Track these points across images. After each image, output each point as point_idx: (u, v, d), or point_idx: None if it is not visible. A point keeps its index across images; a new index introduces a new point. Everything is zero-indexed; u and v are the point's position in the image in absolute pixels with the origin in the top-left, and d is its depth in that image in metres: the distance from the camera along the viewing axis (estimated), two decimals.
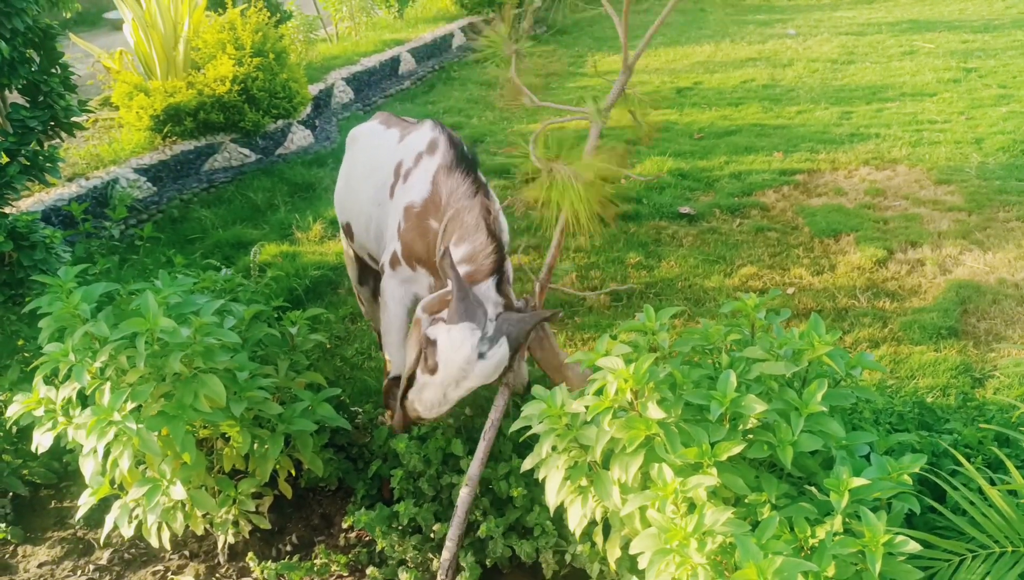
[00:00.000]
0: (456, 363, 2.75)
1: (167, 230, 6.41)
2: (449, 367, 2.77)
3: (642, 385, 2.26)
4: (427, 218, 3.18)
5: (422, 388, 2.86)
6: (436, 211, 3.15)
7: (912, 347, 4.64)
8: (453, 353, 2.75)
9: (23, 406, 2.79)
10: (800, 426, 2.19)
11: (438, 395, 2.83)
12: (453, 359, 2.75)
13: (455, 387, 2.81)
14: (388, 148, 3.53)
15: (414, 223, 3.22)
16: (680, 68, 10.98)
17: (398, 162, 3.40)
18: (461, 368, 2.75)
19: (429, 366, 2.82)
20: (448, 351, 2.76)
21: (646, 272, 5.66)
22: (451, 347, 2.76)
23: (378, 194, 3.46)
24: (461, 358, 2.74)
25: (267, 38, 7.58)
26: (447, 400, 2.84)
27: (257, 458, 2.99)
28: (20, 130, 3.17)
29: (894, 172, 7.14)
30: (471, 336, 2.74)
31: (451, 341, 2.76)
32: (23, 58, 3.20)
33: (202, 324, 2.70)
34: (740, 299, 2.69)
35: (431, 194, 3.19)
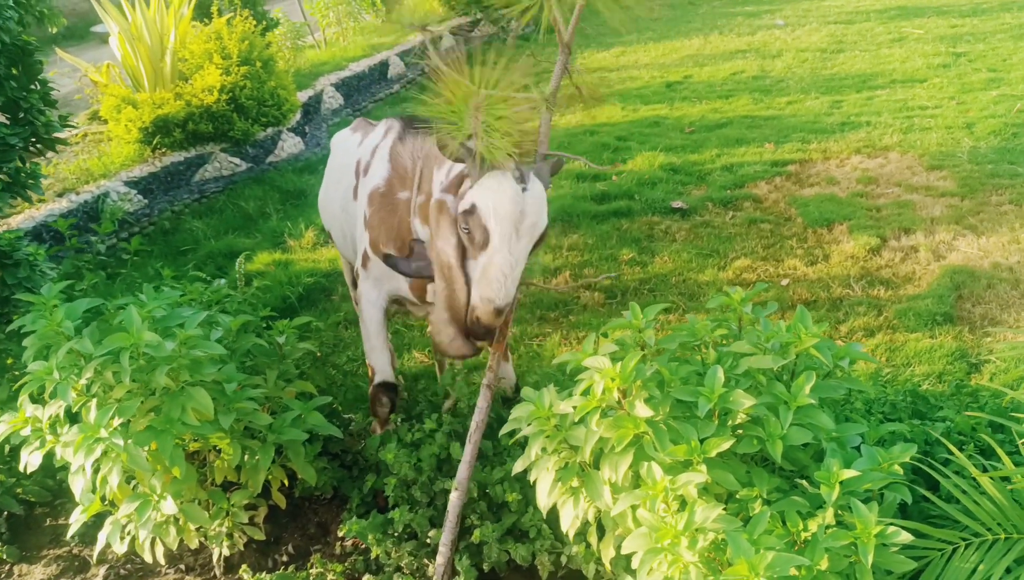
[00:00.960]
0: (506, 202, 2.51)
1: (159, 242, 6.39)
2: (501, 212, 2.52)
3: (629, 383, 2.25)
4: (394, 194, 3.09)
5: (484, 270, 2.57)
6: (403, 181, 3.06)
7: (907, 335, 4.62)
8: (498, 196, 2.53)
9: (10, 425, 2.78)
10: (789, 419, 2.17)
11: (505, 258, 2.54)
12: (501, 202, 2.52)
13: (516, 237, 2.55)
14: (351, 151, 3.52)
15: (380, 204, 3.13)
16: (669, 62, 10.96)
17: (357, 162, 3.38)
18: (513, 201, 2.52)
19: (479, 241, 2.58)
20: (492, 199, 2.53)
21: (639, 268, 5.64)
22: (493, 192, 2.54)
23: (344, 200, 3.45)
24: (509, 193, 2.52)
25: (254, 46, 7.56)
26: (516, 260, 2.56)
27: (249, 469, 2.97)
28: (1, 148, 3.15)
29: (886, 159, 7.12)
30: (504, 177, 2.55)
31: (489, 189, 2.54)
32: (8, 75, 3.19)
33: (187, 337, 2.68)
34: (727, 293, 2.68)
35: (392, 169, 3.10)
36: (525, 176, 2.58)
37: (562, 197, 6.75)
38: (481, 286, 2.57)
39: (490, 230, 2.54)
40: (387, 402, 3.40)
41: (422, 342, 4.80)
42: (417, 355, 4.69)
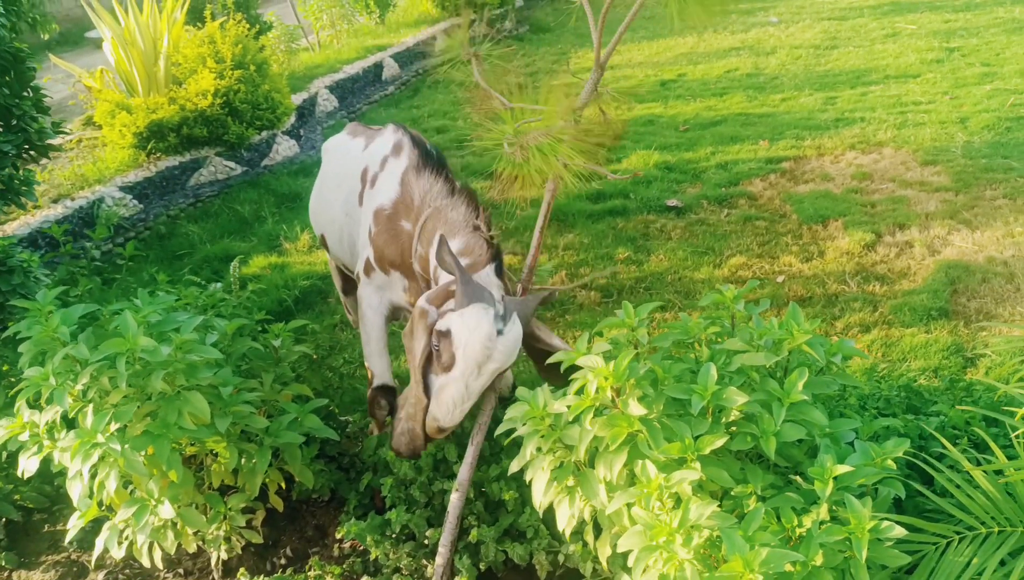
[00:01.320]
0: (477, 343, 2.60)
1: (155, 247, 6.40)
2: (470, 350, 2.61)
3: (623, 382, 2.26)
4: (398, 220, 3.15)
5: (440, 390, 2.69)
6: (408, 212, 3.12)
7: (903, 330, 4.64)
8: (472, 333, 2.61)
9: (8, 431, 2.78)
10: (783, 416, 2.18)
11: (459, 391, 2.66)
12: (473, 340, 2.60)
13: (476, 375, 2.65)
14: (354, 156, 3.52)
15: (385, 226, 3.19)
16: (663, 61, 10.97)
17: (364, 168, 3.39)
18: (484, 347, 2.60)
19: (444, 363, 2.68)
20: (466, 334, 2.61)
21: (636, 267, 5.65)
22: (468, 329, 2.61)
23: (347, 204, 3.46)
24: (482, 336, 2.60)
25: (248, 50, 7.56)
26: (469, 394, 2.67)
27: (245, 473, 2.98)
28: None
29: (880, 155, 7.14)
30: (486, 314, 2.62)
31: (467, 323, 2.62)
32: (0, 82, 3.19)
33: (183, 341, 2.69)
34: (720, 291, 2.68)
35: (401, 195, 3.15)
36: (508, 315, 2.67)
37: (557, 196, 6.74)
38: (433, 404, 2.71)
39: (456, 360, 2.65)
40: (385, 405, 3.41)
41: None
42: None
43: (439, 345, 2.70)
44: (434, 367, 2.75)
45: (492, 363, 2.65)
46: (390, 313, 3.44)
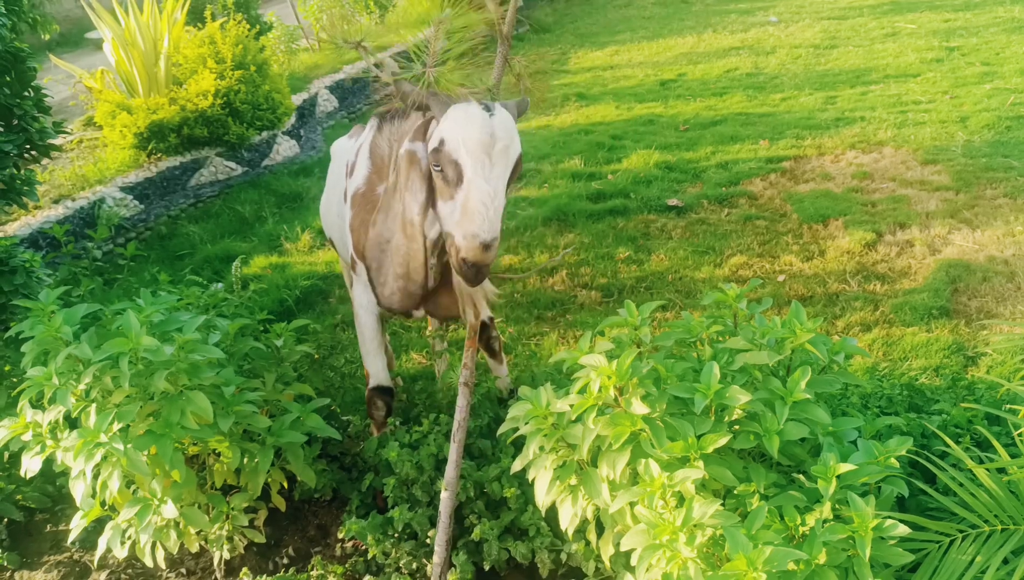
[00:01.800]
0: (475, 128, 2.41)
1: (156, 247, 6.40)
2: (471, 139, 2.41)
3: (625, 381, 2.26)
4: (374, 191, 3.01)
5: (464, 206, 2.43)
6: (380, 175, 2.97)
7: (904, 329, 4.64)
8: (465, 124, 2.43)
9: (10, 431, 2.78)
10: (785, 415, 2.18)
11: (482, 187, 2.41)
12: (469, 128, 2.42)
13: (490, 164, 2.43)
14: (344, 157, 3.51)
15: (360, 205, 3.07)
16: (663, 61, 10.97)
17: (346, 164, 3.37)
18: (481, 128, 2.40)
19: (450, 176, 2.47)
20: (459, 128, 2.43)
21: (636, 266, 5.66)
22: (460, 123, 2.43)
23: (339, 204, 3.45)
24: (476, 120, 2.42)
25: (248, 50, 7.56)
26: (495, 190, 2.42)
27: (248, 472, 2.98)
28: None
29: (880, 154, 7.14)
30: (469, 106, 2.46)
31: (456, 120, 2.45)
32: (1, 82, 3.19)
33: (186, 341, 2.69)
34: (722, 290, 2.69)
35: (371, 166, 3.01)
36: (491, 106, 2.48)
37: (558, 196, 6.77)
38: (463, 224, 2.43)
39: (462, 163, 2.44)
40: (382, 406, 3.40)
41: (420, 343, 4.81)
42: (415, 356, 4.70)
43: (439, 164, 2.50)
44: (441, 195, 2.54)
45: (498, 143, 2.44)
46: (382, 312, 3.42)
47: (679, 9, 14.30)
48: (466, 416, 2.97)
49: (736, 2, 14.33)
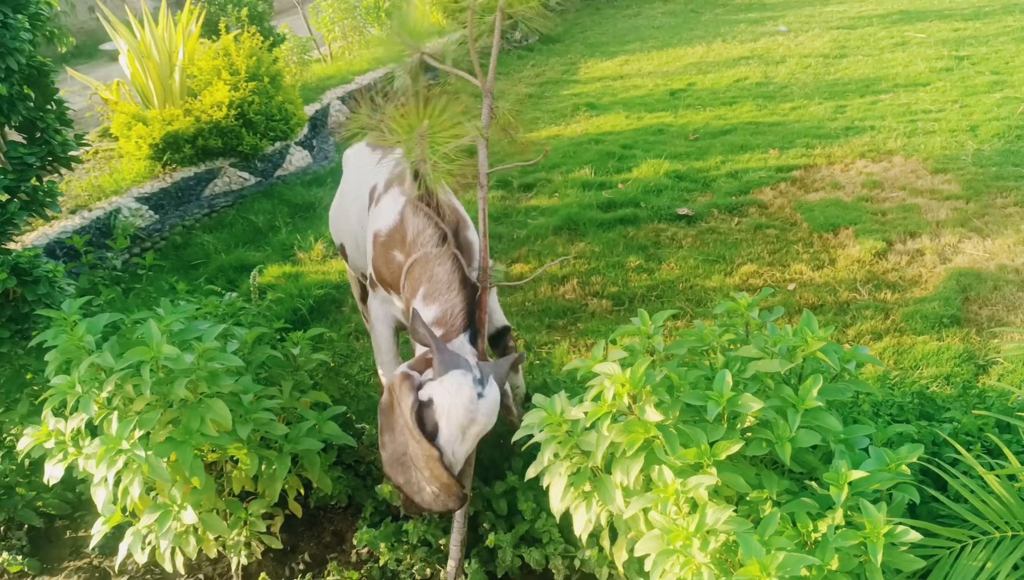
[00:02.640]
0: (460, 407, 2.65)
1: (170, 257, 6.47)
2: (453, 415, 2.65)
3: (639, 389, 2.29)
4: (392, 249, 3.17)
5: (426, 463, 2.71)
6: (401, 244, 3.12)
7: (915, 337, 4.66)
8: (454, 398, 2.65)
9: (33, 439, 2.83)
10: (797, 422, 2.21)
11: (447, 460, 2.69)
12: (456, 404, 2.65)
13: (461, 440, 2.69)
14: (368, 170, 3.57)
15: (380, 251, 3.23)
16: (673, 70, 11.02)
17: (372, 186, 3.43)
18: (467, 409, 2.65)
19: (428, 429, 2.71)
20: (448, 399, 2.66)
21: (647, 275, 5.69)
22: (450, 394, 2.66)
23: (362, 216, 3.51)
24: (464, 399, 2.65)
25: (261, 62, 7.64)
26: (455, 460, 2.72)
27: (266, 479, 3.02)
28: (19, 167, 3.22)
29: (890, 163, 7.16)
30: (465, 378, 2.67)
31: (447, 390, 2.67)
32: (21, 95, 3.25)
33: (205, 349, 2.73)
34: (734, 299, 2.72)
35: (397, 225, 3.15)
36: (484, 379, 2.71)
37: (568, 205, 6.81)
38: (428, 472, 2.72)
39: (440, 427, 2.69)
40: None
41: None
42: None
43: (423, 415, 2.73)
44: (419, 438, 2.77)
45: (475, 426, 2.69)
46: (398, 324, 3.48)
47: (688, 19, 14.35)
48: None
49: (745, 12, 14.38)
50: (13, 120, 3.23)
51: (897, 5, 13.48)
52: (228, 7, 9.16)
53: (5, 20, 2.90)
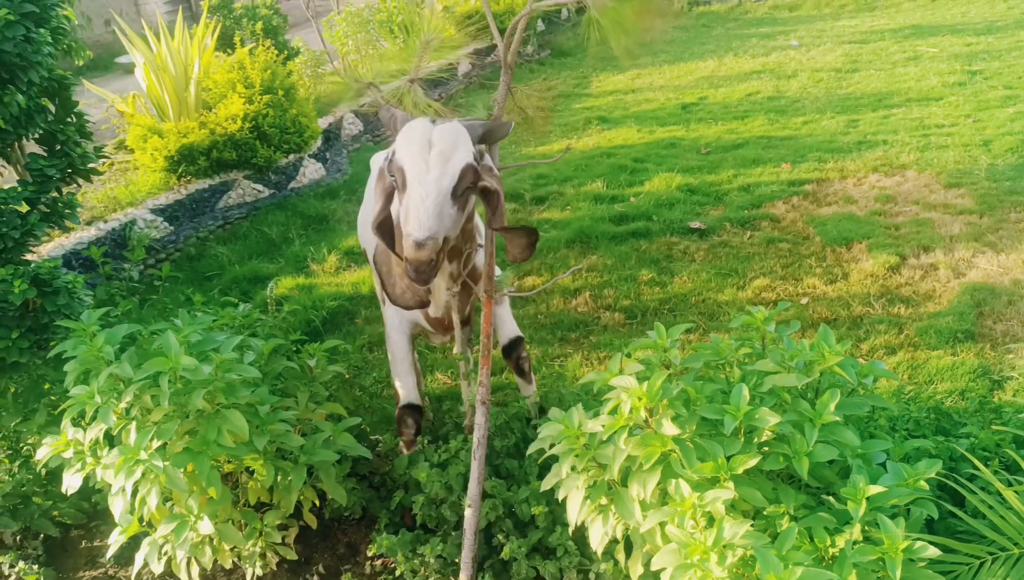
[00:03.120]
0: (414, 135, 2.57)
1: (185, 268, 6.51)
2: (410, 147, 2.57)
3: (656, 402, 2.29)
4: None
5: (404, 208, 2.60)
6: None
7: (929, 352, 4.64)
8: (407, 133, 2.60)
9: (52, 449, 2.85)
10: (815, 436, 2.21)
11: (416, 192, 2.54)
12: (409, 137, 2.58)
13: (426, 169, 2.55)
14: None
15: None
16: (684, 84, 11.05)
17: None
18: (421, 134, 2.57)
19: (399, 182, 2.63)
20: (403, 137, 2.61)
21: (659, 288, 5.69)
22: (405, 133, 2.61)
23: None
24: (417, 128, 2.58)
25: (276, 75, 7.70)
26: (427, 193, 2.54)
27: (281, 490, 3.03)
28: (39, 179, 3.26)
29: (903, 178, 7.15)
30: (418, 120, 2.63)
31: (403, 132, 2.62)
32: (39, 107, 3.29)
33: (223, 361, 2.75)
34: (750, 313, 2.72)
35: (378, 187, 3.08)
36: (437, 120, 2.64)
37: (580, 218, 6.82)
38: (403, 224, 2.60)
39: (405, 169, 2.59)
40: (412, 424, 3.45)
41: (446, 364, 4.86)
42: (440, 377, 4.75)
43: (392, 173, 2.67)
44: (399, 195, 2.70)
45: (434, 148, 2.57)
46: (415, 331, 3.48)
47: (700, 33, 14.39)
48: (485, 433, 3.01)
49: (757, 26, 14.41)
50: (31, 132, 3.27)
51: (909, 20, 13.49)
52: (243, 21, 9.24)
53: (28, 34, 2.94)
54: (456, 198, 2.61)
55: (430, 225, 2.52)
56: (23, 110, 3.17)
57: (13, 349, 3.07)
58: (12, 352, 3.07)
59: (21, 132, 3.22)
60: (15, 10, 2.86)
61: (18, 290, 2.93)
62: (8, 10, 2.82)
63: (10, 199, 3.12)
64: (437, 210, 2.55)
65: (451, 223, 2.61)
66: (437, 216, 2.54)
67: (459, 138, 2.61)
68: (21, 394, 3.49)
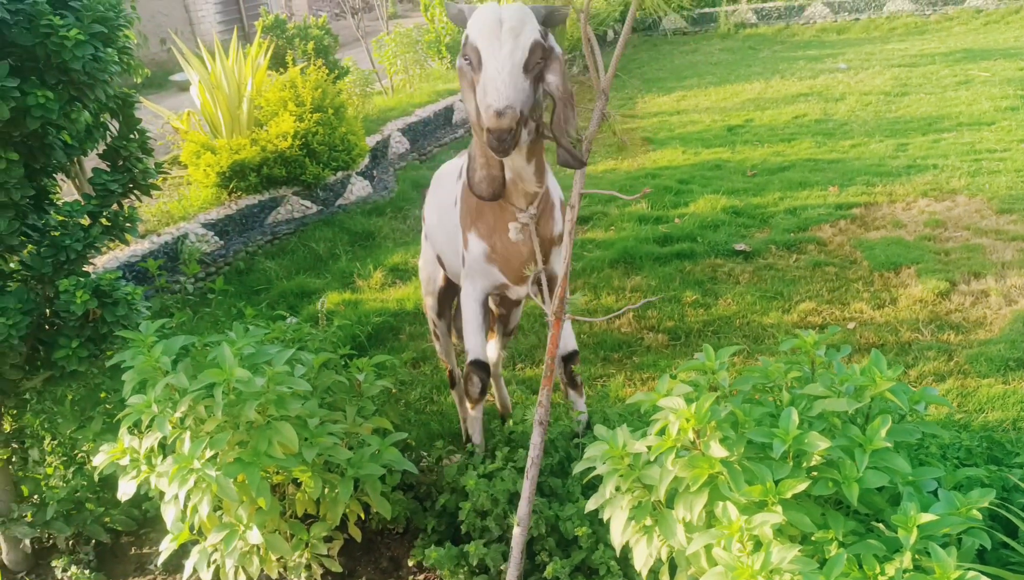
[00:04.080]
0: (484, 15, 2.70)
1: (234, 282, 6.63)
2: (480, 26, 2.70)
3: (704, 424, 2.29)
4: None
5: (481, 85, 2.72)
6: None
7: (979, 380, 4.56)
8: (478, 14, 2.73)
9: (109, 456, 2.93)
10: (865, 462, 2.19)
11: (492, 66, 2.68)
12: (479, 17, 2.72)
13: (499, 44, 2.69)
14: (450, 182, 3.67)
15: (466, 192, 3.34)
16: (730, 106, 11.02)
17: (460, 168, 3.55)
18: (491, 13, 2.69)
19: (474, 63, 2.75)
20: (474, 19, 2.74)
21: (703, 310, 5.67)
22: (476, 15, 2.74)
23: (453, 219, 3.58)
24: (488, 9, 2.71)
25: (326, 94, 7.84)
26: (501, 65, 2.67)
27: (328, 502, 3.07)
28: (102, 193, 3.35)
29: (954, 203, 7.05)
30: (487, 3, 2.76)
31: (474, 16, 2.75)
32: (98, 124, 3.40)
33: (275, 373, 2.81)
34: (799, 336, 2.71)
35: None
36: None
37: (624, 239, 6.83)
38: (481, 100, 2.72)
39: (479, 47, 2.72)
40: (478, 381, 3.52)
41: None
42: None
43: (468, 57, 2.79)
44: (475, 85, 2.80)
45: (505, 24, 2.70)
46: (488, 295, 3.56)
47: (746, 55, 14.35)
48: (540, 454, 3.01)
49: (804, 49, 14.33)
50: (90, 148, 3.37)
51: (960, 43, 13.33)
52: (296, 41, 9.43)
53: (96, 54, 3.04)
54: (527, 72, 2.75)
55: (508, 94, 2.66)
56: (89, 127, 3.28)
57: (73, 357, 3.15)
58: (72, 361, 3.15)
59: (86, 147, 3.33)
60: (85, 30, 2.96)
61: (80, 301, 3.02)
62: (79, 30, 2.92)
63: (75, 212, 3.22)
64: (512, 81, 2.69)
65: (525, 96, 2.75)
66: (513, 86, 2.69)
67: (526, 16, 2.76)
68: (78, 402, 3.58)
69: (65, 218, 3.23)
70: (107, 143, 3.46)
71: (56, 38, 2.89)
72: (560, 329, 3.01)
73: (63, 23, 2.90)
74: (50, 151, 3.15)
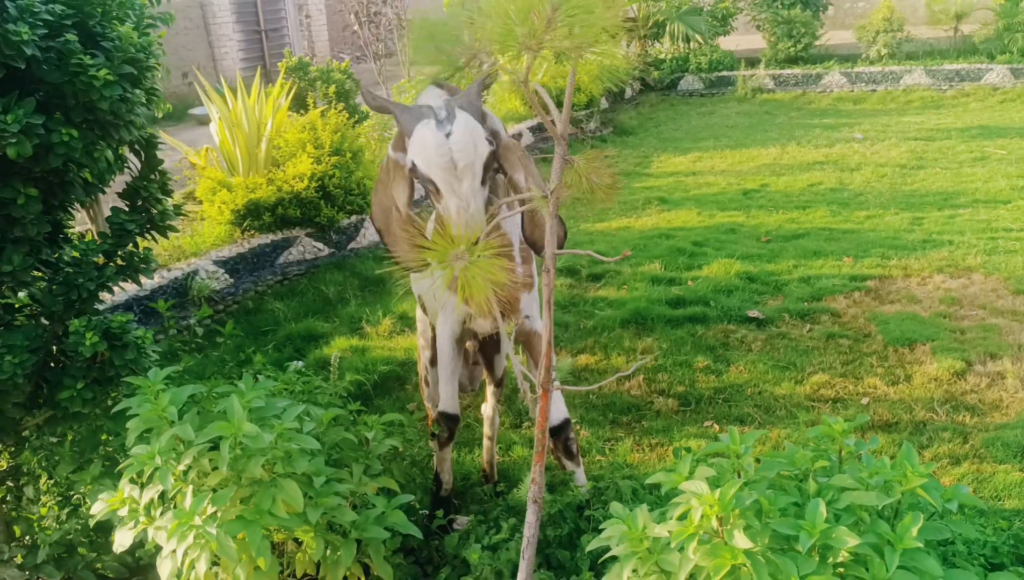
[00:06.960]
0: (433, 156, 2.70)
1: (241, 321, 6.57)
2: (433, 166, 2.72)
3: (728, 511, 2.21)
4: None
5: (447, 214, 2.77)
6: None
7: (996, 466, 4.46)
8: (425, 152, 2.73)
9: (108, 504, 2.84)
10: (896, 562, 2.10)
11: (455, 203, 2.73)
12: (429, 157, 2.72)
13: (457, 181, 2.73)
14: None
15: None
16: (746, 170, 11.04)
17: None
18: (440, 155, 2.70)
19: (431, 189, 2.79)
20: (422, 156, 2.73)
21: (714, 377, 5.59)
22: (420, 149, 2.73)
23: None
24: (432, 147, 2.71)
25: (345, 138, 7.87)
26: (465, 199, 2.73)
27: (329, 564, 2.97)
28: (118, 232, 3.32)
29: (969, 280, 7.00)
30: (427, 128, 2.74)
31: (416, 145, 2.75)
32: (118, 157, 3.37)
33: (284, 429, 2.73)
34: (823, 419, 2.64)
35: None
36: (451, 115, 2.75)
37: (637, 299, 6.78)
38: (444, 212, 2.80)
39: (435, 180, 2.75)
40: (446, 429, 3.62)
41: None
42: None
43: (420, 180, 2.81)
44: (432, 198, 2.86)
45: (460, 163, 2.72)
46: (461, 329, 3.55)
47: (763, 120, 14.44)
48: (536, 533, 2.90)
49: (820, 117, 14.42)
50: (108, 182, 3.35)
51: (976, 120, 13.40)
52: (317, 83, 9.50)
53: (123, 94, 3.03)
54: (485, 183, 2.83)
55: (477, 218, 2.74)
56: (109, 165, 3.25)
57: (77, 399, 3.09)
58: (76, 402, 3.09)
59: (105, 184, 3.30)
60: (115, 71, 2.95)
61: (89, 343, 2.96)
62: (108, 70, 2.91)
63: (90, 252, 3.18)
64: (478, 204, 2.77)
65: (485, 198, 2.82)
66: (479, 209, 2.76)
67: (475, 138, 2.77)
68: (78, 443, 3.50)
69: (79, 255, 3.18)
70: (127, 183, 3.44)
71: (85, 77, 2.87)
72: (548, 401, 2.89)
73: (93, 63, 2.89)
74: (70, 188, 3.12)
